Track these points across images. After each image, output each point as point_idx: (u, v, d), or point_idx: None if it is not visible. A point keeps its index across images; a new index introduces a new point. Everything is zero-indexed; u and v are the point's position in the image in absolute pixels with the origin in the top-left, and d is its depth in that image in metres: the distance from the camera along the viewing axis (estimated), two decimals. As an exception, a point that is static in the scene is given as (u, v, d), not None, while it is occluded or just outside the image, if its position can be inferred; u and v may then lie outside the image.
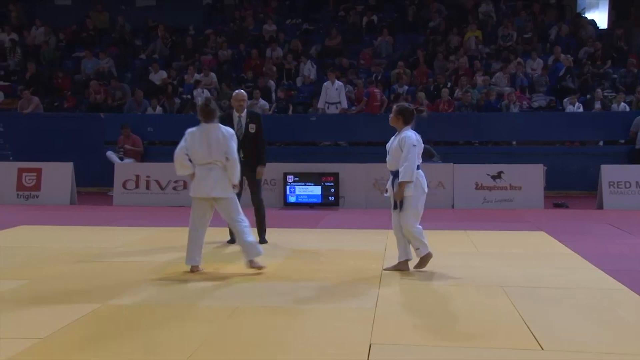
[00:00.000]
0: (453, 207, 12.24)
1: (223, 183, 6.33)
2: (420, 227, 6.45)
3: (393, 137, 6.51)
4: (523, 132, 14.84)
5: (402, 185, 6.31)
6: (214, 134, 6.32)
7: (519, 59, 16.32)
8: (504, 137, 15.12)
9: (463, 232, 9.23)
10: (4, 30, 18.19)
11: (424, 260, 6.49)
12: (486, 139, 15.16)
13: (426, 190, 6.44)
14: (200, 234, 6.43)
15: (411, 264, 6.57)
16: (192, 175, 6.42)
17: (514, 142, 15.22)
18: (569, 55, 16.34)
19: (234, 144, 6.39)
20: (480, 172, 12.43)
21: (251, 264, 6.46)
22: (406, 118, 6.47)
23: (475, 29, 17.67)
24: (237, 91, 8.22)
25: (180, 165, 6.41)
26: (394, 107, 6.67)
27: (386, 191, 6.60)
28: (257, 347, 4.33)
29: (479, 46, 17.35)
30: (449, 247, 8.00)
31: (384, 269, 6.57)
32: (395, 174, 6.39)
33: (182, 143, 6.38)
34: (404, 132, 6.41)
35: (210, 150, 6.29)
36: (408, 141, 6.30)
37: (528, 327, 4.68)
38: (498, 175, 12.35)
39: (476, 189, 12.37)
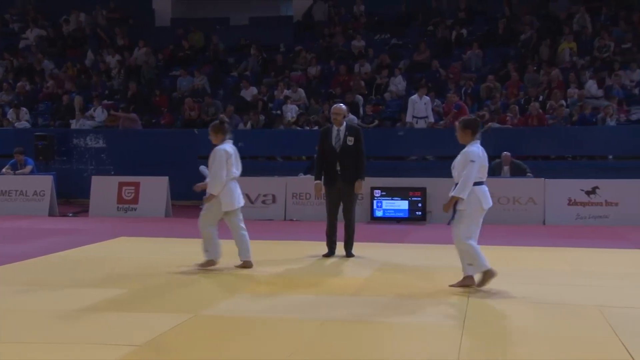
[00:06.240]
0: (544, 223, 11.90)
1: None
2: (473, 243, 6.26)
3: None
4: (620, 146, 14.24)
5: (451, 198, 6.22)
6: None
7: (617, 71, 15.70)
8: (599, 152, 14.56)
9: (555, 249, 8.96)
10: (109, 53, 19.21)
11: (486, 277, 6.25)
12: (580, 153, 14.65)
13: (485, 207, 6.25)
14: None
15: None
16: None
17: (610, 157, 14.62)
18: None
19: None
20: (574, 187, 12.03)
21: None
22: (474, 130, 6.33)
23: (570, 40, 17.16)
24: (335, 105, 8.45)
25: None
26: (457, 123, 6.55)
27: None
28: (343, 360, 4.38)
29: (573, 58, 16.83)
30: (541, 264, 7.80)
31: (450, 285, 6.42)
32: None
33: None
34: (468, 146, 6.29)
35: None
36: (468, 157, 6.19)
37: (629, 354, 4.46)
38: (593, 191, 11.91)
39: (569, 204, 11.98)
